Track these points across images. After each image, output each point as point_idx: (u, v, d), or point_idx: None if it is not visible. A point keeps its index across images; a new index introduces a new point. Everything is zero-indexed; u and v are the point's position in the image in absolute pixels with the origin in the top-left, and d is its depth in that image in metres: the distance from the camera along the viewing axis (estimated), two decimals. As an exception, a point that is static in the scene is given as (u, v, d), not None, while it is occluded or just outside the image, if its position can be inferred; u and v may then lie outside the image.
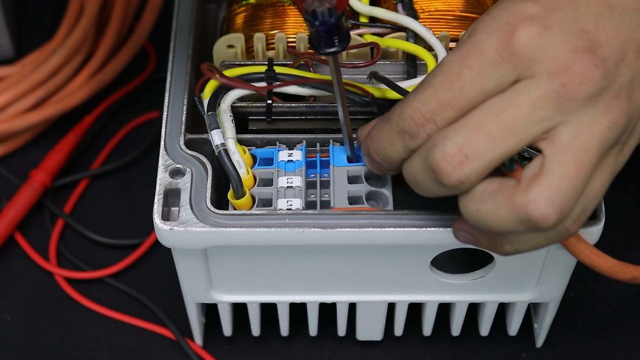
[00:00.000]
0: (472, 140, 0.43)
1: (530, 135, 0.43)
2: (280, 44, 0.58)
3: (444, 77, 0.44)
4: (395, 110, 0.46)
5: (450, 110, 0.44)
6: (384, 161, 0.48)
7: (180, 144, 0.54)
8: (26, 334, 0.64)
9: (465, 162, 0.43)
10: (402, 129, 0.45)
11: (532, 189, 0.43)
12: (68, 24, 0.75)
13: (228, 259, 0.54)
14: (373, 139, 0.48)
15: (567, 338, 0.64)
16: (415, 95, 0.45)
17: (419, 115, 0.44)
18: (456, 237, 0.50)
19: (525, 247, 0.47)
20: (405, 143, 0.45)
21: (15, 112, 0.70)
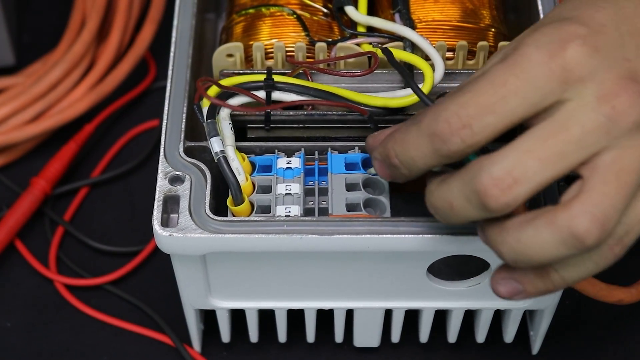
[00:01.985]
0: (522, 164, 0.42)
1: (578, 159, 0.43)
2: (279, 53, 0.58)
3: (487, 82, 0.43)
4: (428, 113, 0.44)
5: (490, 117, 0.43)
6: (404, 165, 0.46)
7: (179, 152, 0.54)
8: (26, 341, 0.65)
9: (514, 186, 0.42)
10: (434, 131, 0.44)
11: (574, 206, 0.42)
12: (70, 37, 0.75)
13: (226, 265, 0.54)
14: (396, 141, 0.46)
15: (563, 345, 0.64)
16: (454, 99, 0.44)
17: (456, 118, 0.43)
18: (497, 293, 0.47)
19: (573, 275, 0.45)
20: (436, 147, 0.44)
21: (16, 124, 0.71)
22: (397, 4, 0.59)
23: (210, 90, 0.54)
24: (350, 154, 0.55)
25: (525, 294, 0.47)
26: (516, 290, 0.47)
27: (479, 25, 0.60)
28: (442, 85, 0.57)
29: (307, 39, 0.59)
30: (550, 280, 0.46)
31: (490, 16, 0.60)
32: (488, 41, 0.59)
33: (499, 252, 0.45)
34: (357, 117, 0.55)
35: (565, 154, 0.43)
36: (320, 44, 0.58)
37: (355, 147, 0.55)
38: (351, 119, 0.56)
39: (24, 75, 0.75)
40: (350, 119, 0.56)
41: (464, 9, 0.60)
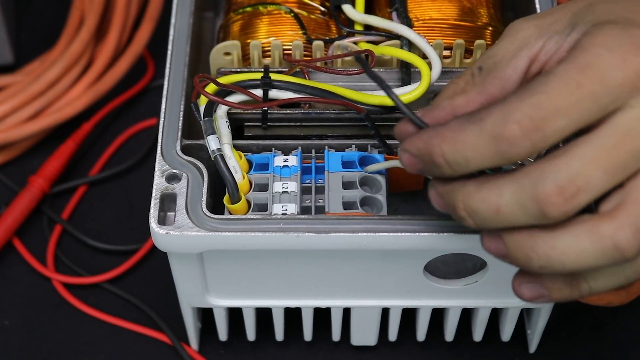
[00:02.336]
0: (587, 173, 0.41)
1: (634, 170, 0.42)
2: (276, 51, 0.58)
3: (560, 84, 0.42)
4: (494, 113, 0.42)
5: (563, 120, 0.41)
6: (451, 164, 0.43)
7: (176, 150, 0.54)
8: (24, 339, 0.65)
9: (578, 195, 0.41)
10: (502, 133, 0.42)
11: (619, 217, 0.42)
12: (68, 35, 0.75)
13: (223, 263, 0.54)
14: (446, 139, 0.43)
15: (560, 344, 0.64)
16: (524, 99, 0.42)
17: (528, 121, 0.41)
18: (520, 295, 0.46)
19: (602, 285, 0.45)
20: (501, 149, 0.42)
21: (14, 123, 0.71)
22: (394, 2, 0.59)
23: (207, 88, 0.55)
24: (347, 152, 0.55)
25: (550, 299, 0.46)
26: (541, 294, 0.46)
27: (476, 24, 0.60)
28: (439, 83, 0.57)
29: (304, 37, 0.59)
30: (578, 289, 0.45)
31: (487, 15, 0.60)
32: (485, 40, 0.59)
33: (527, 259, 0.43)
34: (354, 115, 0.55)
35: (628, 165, 0.42)
36: (317, 43, 0.58)
37: (352, 145, 0.55)
38: (348, 117, 0.56)
39: (23, 74, 0.75)
40: (347, 117, 0.56)
41: (461, 8, 0.60)
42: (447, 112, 0.46)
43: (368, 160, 0.54)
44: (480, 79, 0.46)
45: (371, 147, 0.55)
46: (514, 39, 0.47)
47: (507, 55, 0.46)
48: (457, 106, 0.46)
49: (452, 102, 0.46)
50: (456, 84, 0.47)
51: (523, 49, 0.46)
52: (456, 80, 0.47)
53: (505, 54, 0.46)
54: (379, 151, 0.55)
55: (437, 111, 0.46)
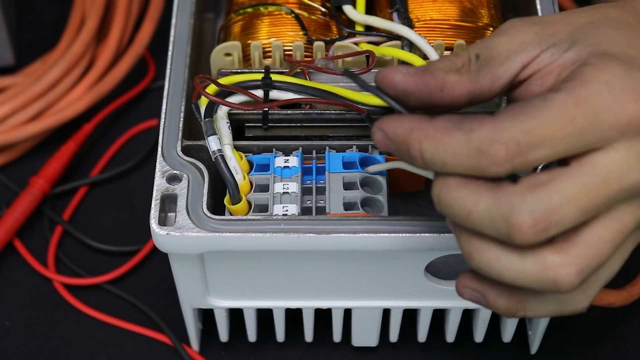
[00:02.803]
0: (563, 210, 0.42)
1: (603, 211, 0.43)
2: (277, 52, 0.58)
3: (555, 115, 0.42)
4: (485, 127, 0.42)
5: (547, 150, 0.42)
6: (426, 161, 0.44)
7: (177, 150, 0.54)
8: (24, 340, 0.65)
9: (549, 229, 0.42)
10: (488, 150, 0.42)
11: (569, 254, 0.43)
12: (69, 36, 0.75)
13: (224, 264, 0.54)
14: (429, 137, 0.43)
15: (561, 345, 0.64)
16: (517, 122, 0.42)
17: (515, 145, 0.42)
18: (461, 294, 0.47)
19: (536, 309, 0.46)
20: (482, 164, 0.42)
21: (15, 124, 0.71)
22: (395, 3, 0.59)
23: (208, 89, 0.54)
24: (348, 152, 0.55)
25: (486, 305, 0.47)
26: (478, 300, 0.47)
27: (477, 25, 0.60)
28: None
29: (305, 38, 0.59)
30: (514, 304, 0.46)
31: (488, 15, 0.60)
32: (486, 40, 0.59)
33: (469, 255, 0.44)
34: (354, 116, 0.55)
35: (599, 207, 0.43)
36: (318, 43, 0.58)
37: (353, 146, 0.55)
38: (349, 117, 0.56)
39: (24, 75, 0.75)
40: (348, 117, 0.56)
41: (462, 8, 0.60)
42: (437, 83, 0.46)
43: (369, 161, 0.54)
44: (475, 68, 0.46)
45: (372, 148, 0.55)
46: (513, 40, 0.47)
47: (503, 54, 0.47)
48: (448, 83, 0.46)
49: (445, 76, 0.46)
50: (453, 61, 0.47)
51: (519, 53, 0.47)
52: (454, 58, 0.47)
53: (502, 51, 0.47)
54: (380, 152, 0.55)
55: (428, 77, 0.46)
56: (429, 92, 0.46)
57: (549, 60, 0.46)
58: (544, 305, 0.46)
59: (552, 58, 0.46)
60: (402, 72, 0.46)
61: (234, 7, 0.61)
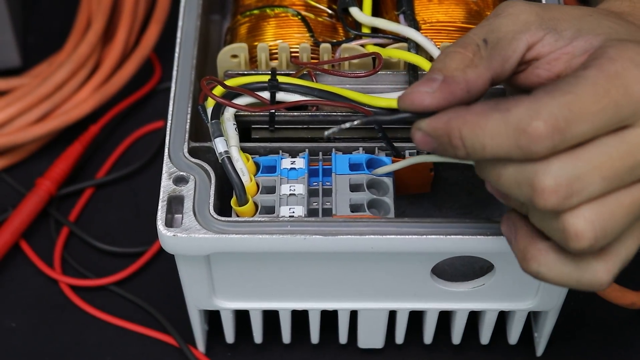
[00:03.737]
0: (587, 178, 0.42)
1: (628, 182, 0.43)
2: (283, 53, 0.58)
3: (590, 89, 0.42)
4: (522, 104, 0.42)
5: (586, 125, 0.42)
6: (468, 148, 0.44)
7: (184, 152, 0.54)
8: (30, 341, 0.65)
9: (571, 197, 0.42)
10: (526, 128, 0.42)
11: (581, 207, 0.43)
12: (75, 38, 0.76)
13: (231, 265, 0.54)
14: (467, 123, 0.43)
15: (567, 347, 0.64)
16: (554, 98, 0.42)
17: (554, 120, 0.42)
18: (502, 224, 0.48)
19: (551, 270, 0.46)
20: (521, 143, 0.42)
21: (21, 125, 0.71)
22: (401, 5, 0.59)
23: (214, 91, 0.55)
24: (355, 154, 0.55)
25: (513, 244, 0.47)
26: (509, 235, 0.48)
27: (483, 27, 0.60)
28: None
29: (311, 39, 0.59)
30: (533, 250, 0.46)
31: (494, 17, 0.60)
32: (493, 42, 0.59)
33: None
34: (361, 118, 0.55)
35: (623, 178, 0.43)
36: (324, 45, 0.58)
37: (359, 147, 0.55)
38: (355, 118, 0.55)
39: (30, 76, 0.75)
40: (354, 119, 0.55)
41: (468, 10, 0.60)
42: (463, 87, 0.45)
43: (375, 162, 0.54)
44: (486, 54, 0.46)
45: (378, 150, 0.55)
46: (516, 20, 0.47)
47: (509, 35, 0.46)
48: (471, 81, 0.45)
49: (465, 76, 0.45)
50: (463, 54, 0.46)
51: (524, 33, 0.47)
52: (462, 50, 0.46)
53: (507, 32, 0.47)
54: (386, 154, 0.55)
55: (454, 86, 0.45)
56: (459, 99, 0.45)
57: (554, 46, 0.47)
58: (560, 266, 0.45)
59: (557, 44, 0.46)
60: (428, 93, 0.45)
61: (241, 9, 0.62)
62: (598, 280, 0.45)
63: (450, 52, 0.46)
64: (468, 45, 0.46)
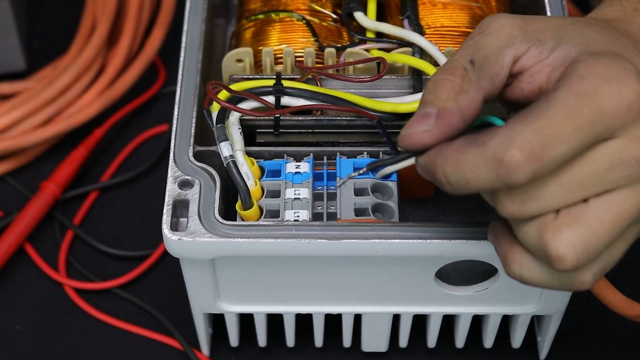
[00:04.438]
0: (542, 188, 0.43)
1: (593, 192, 0.44)
2: (288, 58, 0.59)
3: (561, 111, 0.42)
4: (495, 136, 0.43)
5: (562, 147, 0.42)
6: (452, 184, 0.44)
7: (189, 156, 0.55)
8: (35, 344, 0.65)
9: (527, 203, 0.43)
10: (503, 158, 0.42)
11: (563, 231, 0.43)
12: (80, 42, 0.76)
13: (235, 269, 0.55)
14: (448, 160, 0.44)
15: (570, 351, 0.64)
16: (527, 125, 0.42)
17: (529, 147, 0.42)
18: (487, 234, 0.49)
19: (532, 278, 0.46)
20: (501, 174, 0.42)
21: (26, 129, 0.71)
22: (406, 10, 0.60)
23: (219, 95, 0.55)
24: (359, 159, 0.55)
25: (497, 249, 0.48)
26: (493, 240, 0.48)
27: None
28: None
29: (316, 44, 0.59)
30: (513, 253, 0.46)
31: (498, 22, 0.61)
32: (496, 47, 0.59)
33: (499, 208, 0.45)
34: (365, 122, 0.56)
35: (585, 185, 0.43)
36: (329, 50, 0.59)
37: (363, 152, 0.55)
38: (360, 124, 0.56)
39: (35, 80, 0.75)
40: (359, 124, 0.56)
41: (472, 15, 0.60)
42: (458, 117, 0.45)
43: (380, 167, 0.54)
44: (475, 76, 0.46)
45: (383, 154, 0.55)
46: (500, 35, 0.47)
47: (495, 51, 0.46)
48: (464, 109, 0.45)
49: (458, 105, 0.45)
50: (452, 81, 0.46)
51: (509, 47, 0.47)
52: (450, 77, 0.46)
53: (493, 48, 0.47)
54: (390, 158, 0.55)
55: (449, 118, 0.45)
56: (456, 129, 0.45)
57: (537, 58, 0.47)
58: (538, 268, 0.46)
59: (540, 56, 0.47)
60: (427, 132, 0.45)
61: (246, 14, 0.62)
62: (579, 282, 0.46)
63: (439, 80, 0.46)
64: (455, 70, 0.46)
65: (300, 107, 0.55)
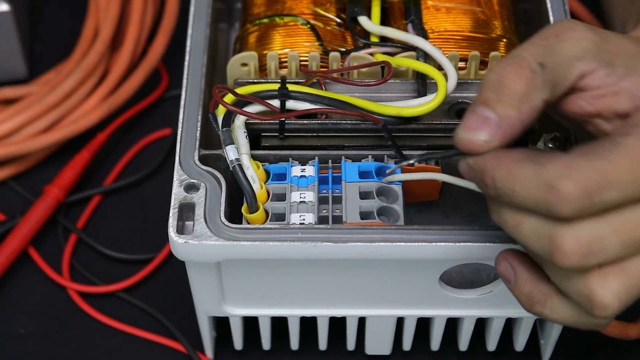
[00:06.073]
0: (607, 242, 0.43)
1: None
2: (292, 62, 0.59)
3: (625, 158, 0.42)
4: (557, 161, 0.43)
5: (616, 193, 0.42)
6: (498, 190, 0.44)
7: (194, 160, 0.55)
8: (39, 348, 0.65)
9: (588, 257, 0.43)
10: (557, 186, 0.42)
11: (610, 280, 0.44)
12: (83, 46, 0.76)
13: (241, 272, 0.55)
14: (502, 167, 0.44)
15: (573, 354, 0.64)
16: (589, 162, 0.42)
17: (585, 183, 0.42)
18: (497, 263, 0.49)
19: (554, 313, 0.47)
20: (549, 200, 0.42)
21: (29, 134, 0.71)
22: (410, 14, 0.60)
23: (225, 99, 0.55)
24: (364, 162, 0.55)
25: (512, 287, 0.48)
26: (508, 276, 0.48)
27: (490, 36, 0.60)
28: (455, 94, 0.57)
29: (320, 48, 0.59)
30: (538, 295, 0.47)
31: (501, 27, 0.61)
32: (500, 51, 0.59)
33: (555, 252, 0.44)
34: (370, 126, 0.56)
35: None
36: (333, 54, 0.59)
37: (369, 155, 0.55)
38: (365, 128, 0.56)
39: (38, 84, 0.76)
40: (363, 128, 0.56)
41: (475, 20, 0.60)
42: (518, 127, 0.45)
43: (385, 170, 0.55)
44: (542, 81, 0.45)
45: (388, 158, 0.55)
46: (576, 46, 0.46)
47: (567, 60, 0.46)
48: (525, 117, 0.45)
49: (520, 115, 0.45)
50: (517, 83, 0.45)
51: (581, 61, 0.46)
52: (515, 78, 0.45)
53: (566, 57, 0.46)
54: (395, 162, 0.55)
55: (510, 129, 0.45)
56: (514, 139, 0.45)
57: (604, 81, 0.46)
58: (566, 309, 0.46)
59: (607, 79, 0.46)
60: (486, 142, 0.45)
61: (250, 18, 0.62)
62: (603, 323, 0.47)
63: (503, 79, 0.45)
64: (522, 71, 0.45)
65: (305, 111, 0.55)
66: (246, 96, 0.55)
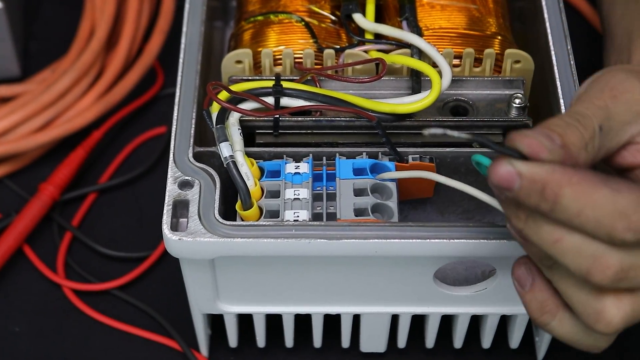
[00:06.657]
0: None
1: None
2: (287, 59, 0.59)
3: None
4: (634, 192, 0.43)
5: None
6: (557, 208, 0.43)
7: (189, 157, 0.55)
8: (34, 346, 0.65)
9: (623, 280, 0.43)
10: (629, 215, 0.42)
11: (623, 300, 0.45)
12: (79, 45, 0.76)
13: (235, 269, 0.55)
14: (573, 184, 0.43)
15: (568, 352, 0.64)
16: None
17: None
18: (515, 266, 0.48)
19: (560, 328, 0.47)
20: (615, 226, 0.42)
21: (24, 133, 0.71)
22: (404, 11, 0.60)
23: (219, 96, 0.55)
24: (358, 159, 0.55)
25: (523, 295, 0.48)
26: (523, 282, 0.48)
27: (485, 33, 0.60)
28: (449, 92, 0.57)
29: (315, 45, 0.59)
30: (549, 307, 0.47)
31: (496, 24, 0.61)
32: (494, 48, 0.59)
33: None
34: (365, 123, 0.56)
35: None
36: (328, 51, 0.59)
37: (363, 152, 0.55)
38: (359, 125, 0.56)
39: (33, 83, 0.76)
40: (358, 125, 0.56)
41: (470, 17, 0.60)
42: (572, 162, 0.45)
43: (379, 167, 0.55)
44: (599, 143, 0.46)
45: (382, 155, 0.56)
46: (630, 110, 0.47)
47: (619, 125, 0.46)
48: (580, 162, 0.45)
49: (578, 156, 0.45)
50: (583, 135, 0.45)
51: (632, 125, 0.47)
52: (583, 131, 0.45)
53: (619, 121, 0.46)
54: (390, 159, 0.55)
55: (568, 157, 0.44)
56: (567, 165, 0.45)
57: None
58: (572, 326, 0.47)
59: None
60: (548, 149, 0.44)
61: (245, 15, 0.62)
62: (603, 346, 0.48)
63: (571, 124, 0.45)
64: (588, 128, 0.45)
65: (300, 108, 0.55)
66: (240, 93, 0.55)
